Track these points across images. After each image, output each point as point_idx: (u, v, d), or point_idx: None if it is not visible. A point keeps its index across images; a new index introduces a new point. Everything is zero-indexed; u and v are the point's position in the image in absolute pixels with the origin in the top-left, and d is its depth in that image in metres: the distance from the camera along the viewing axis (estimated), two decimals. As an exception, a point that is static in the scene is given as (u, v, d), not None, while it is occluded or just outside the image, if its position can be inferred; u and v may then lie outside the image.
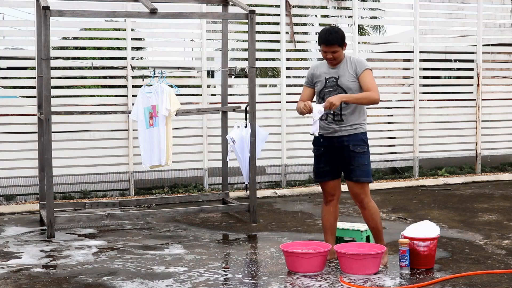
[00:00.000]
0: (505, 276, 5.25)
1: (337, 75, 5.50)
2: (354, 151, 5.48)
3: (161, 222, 7.44)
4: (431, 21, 10.79)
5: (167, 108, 7.11)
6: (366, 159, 5.54)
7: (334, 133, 5.50)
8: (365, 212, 5.59)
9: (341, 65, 5.52)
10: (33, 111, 8.39)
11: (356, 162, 5.49)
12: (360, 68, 5.46)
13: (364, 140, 5.53)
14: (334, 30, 5.50)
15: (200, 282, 5.15)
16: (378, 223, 5.62)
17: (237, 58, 10.53)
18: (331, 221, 5.67)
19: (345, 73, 5.48)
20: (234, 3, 7.73)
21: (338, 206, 5.71)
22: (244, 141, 7.47)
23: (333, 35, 5.44)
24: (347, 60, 5.53)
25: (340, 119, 5.48)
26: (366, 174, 5.53)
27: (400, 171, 10.67)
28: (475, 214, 7.73)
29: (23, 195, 8.74)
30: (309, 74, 5.71)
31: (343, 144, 5.49)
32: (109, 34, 9.74)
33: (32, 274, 5.43)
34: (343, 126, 5.48)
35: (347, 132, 5.48)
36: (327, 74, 5.55)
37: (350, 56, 5.58)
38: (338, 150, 5.51)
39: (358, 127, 5.51)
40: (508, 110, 11.20)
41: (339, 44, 5.45)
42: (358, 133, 5.50)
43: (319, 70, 5.62)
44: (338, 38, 5.44)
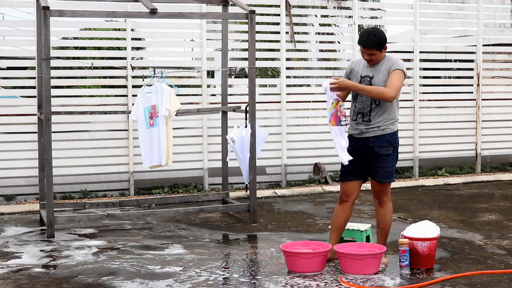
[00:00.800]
0: (505, 276, 5.25)
1: (372, 75, 5.49)
2: (378, 153, 5.49)
3: (161, 222, 7.44)
4: (431, 21, 10.78)
5: (167, 108, 7.10)
6: (391, 160, 5.54)
7: (362, 134, 5.52)
8: (380, 210, 5.62)
9: (379, 65, 5.51)
10: (33, 111, 8.39)
11: (380, 163, 5.51)
12: (393, 67, 5.44)
13: (390, 142, 5.51)
14: (373, 33, 5.43)
15: (200, 282, 5.15)
16: (388, 224, 5.64)
17: (237, 58, 10.52)
18: (340, 222, 5.67)
19: (379, 73, 5.47)
20: (234, 3, 7.73)
21: (351, 209, 5.69)
22: (244, 141, 7.47)
23: (371, 38, 5.40)
24: (385, 60, 5.51)
25: (368, 120, 5.48)
26: (388, 175, 5.55)
27: (400, 171, 10.67)
28: (475, 214, 7.73)
29: (23, 195, 8.74)
30: (348, 68, 5.70)
31: (369, 145, 5.50)
32: (109, 34, 9.74)
33: (32, 274, 5.43)
34: (370, 127, 5.48)
35: (374, 133, 5.48)
36: (363, 72, 5.55)
37: (389, 56, 5.57)
38: (364, 150, 5.53)
39: (386, 128, 5.49)
40: (508, 110, 11.19)
41: (377, 48, 5.41)
42: (385, 134, 5.48)
43: (358, 66, 5.60)
44: (377, 42, 5.40)
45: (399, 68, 5.45)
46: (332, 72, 10.44)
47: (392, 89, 5.37)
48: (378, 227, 5.69)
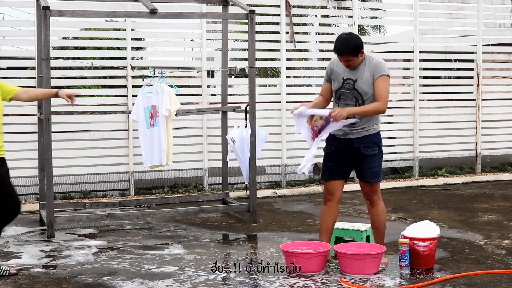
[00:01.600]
0: (505, 276, 5.25)
1: (354, 78, 5.44)
2: (364, 154, 5.48)
3: (161, 222, 7.44)
4: (431, 21, 10.79)
5: (167, 108, 7.11)
6: (377, 160, 5.53)
7: (346, 135, 5.49)
8: (372, 210, 5.61)
9: (360, 67, 5.44)
10: (33, 111, 8.39)
11: (367, 164, 5.50)
12: (377, 73, 5.39)
13: (375, 142, 5.50)
14: (347, 40, 5.36)
15: (200, 282, 5.15)
16: (382, 223, 5.63)
17: (237, 58, 10.53)
18: (328, 223, 5.65)
19: (362, 76, 5.42)
20: (234, 3, 7.73)
21: (337, 208, 5.67)
22: (244, 141, 7.47)
23: (345, 46, 5.34)
24: (366, 62, 5.44)
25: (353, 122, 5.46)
26: (376, 175, 5.54)
27: (400, 171, 10.67)
28: (475, 214, 7.73)
29: (23, 195, 8.72)
30: (328, 69, 5.66)
31: (354, 147, 5.48)
32: (109, 34, 9.74)
33: (32, 274, 5.43)
34: (354, 129, 5.46)
35: (358, 134, 5.47)
36: (345, 75, 5.49)
37: (370, 57, 5.48)
38: (349, 151, 5.51)
39: (370, 128, 5.48)
40: (508, 110, 11.19)
41: (352, 54, 5.35)
42: (369, 134, 5.47)
43: (339, 67, 5.54)
44: (351, 48, 5.33)
45: (384, 74, 5.39)
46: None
47: (384, 101, 5.37)
48: (373, 227, 5.69)
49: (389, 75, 5.46)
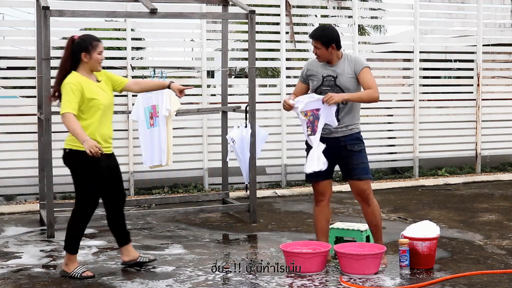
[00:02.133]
0: (505, 276, 5.25)
1: (335, 74, 5.46)
2: (352, 150, 5.48)
3: (161, 222, 7.44)
4: (431, 21, 10.79)
5: (167, 108, 7.11)
6: (364, 157, 5.54)
7: (330, 134, 5.49)
8: (368, 209, 5.58)
9: (339, 64, 5.48)
10: (33, 111, 8.39)
11: (355, 161, 5.49)
12: (358, 67, 5.43)
13: (360, 139, 5.53)
14: (323, 28, 5.51)
15: (200, 282, 5.15)
16: (379, 220, 5.63)
17: (237, 58, 10.53)
18: (323, 223, 5.64)
19: (343, 72, 5.45)
20: (234, 3, 7.73)
21: (329, 207, 5.68)
22: (244, 141, 7.46)
23: (319, 32, 5.44)
24: (345, 59, 5.49)
25: (337, 119, 5.46)
26: (366, 171, 5.54)
27: (400, 171, 10.67)
28: (475, 214, 7.73)
29: (23, 195, 8.74)
30: (304, 69, 5.67)
31: (340, 145, 5.49)
32: (109, 34, 9.74)
33: (32, 274, 5.44)
34: (339, 127, 5.46)
35: (342, 133, 5.48)
36: (324, 72, 5.50)
37: (348, 54, 5.54)
38: (335, 151, 5.50)
39: (353, 127, 5.51)
40: (508, 110, 11.20)
41: (322, 42, 5.38)
42: (353, 133, 5.50)
43: (316, 66, 5.56)
44: (323, 36, 5.39)
45: (365, 66, 5.44)
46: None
47: (375, 88, 5.40)
48: (371, 226, 5.65)
49: (369, 67, 5.50)
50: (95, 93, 5.25)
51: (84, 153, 5.11)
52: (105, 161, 5.30)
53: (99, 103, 5.25)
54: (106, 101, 5.33)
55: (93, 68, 5.35)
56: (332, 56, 5.47)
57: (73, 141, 5.27)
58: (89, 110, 5.23)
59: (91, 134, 5.21)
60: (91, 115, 5.25)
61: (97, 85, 5.34)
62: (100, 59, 5.34)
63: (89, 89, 5.23)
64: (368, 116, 10.40)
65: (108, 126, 5.37)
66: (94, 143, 5.07)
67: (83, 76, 5.29)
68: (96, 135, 5.25)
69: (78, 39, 5.35)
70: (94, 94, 5.24)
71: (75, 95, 5.17)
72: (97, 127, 5.27)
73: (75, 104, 5.17)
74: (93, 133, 5.23)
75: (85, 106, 5.22)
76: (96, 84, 5.34)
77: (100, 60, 5.34)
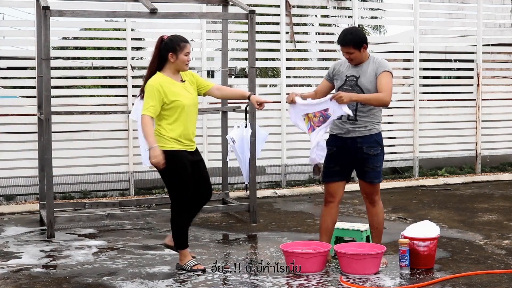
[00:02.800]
0: (505, 276, 5.25)
1: (357, 75, 5.45)
2: (368, 153, 5.46)
3: (161, 222, 7.44)
4: (431, 21, 10.79)
5: (167, 108, 7.10)
6: (380, 160, 5.52)
7: (348, 133, 5.47)
8: (373, 210, 5.59)
9: (363, 65, 5.47)
10: (33, 111, 8.39)
11: (370, 164, 5.48)
12: (380, 69, 5.40)
13: (377, 142, 5.49)
14: (350, 31, 5.45)
15: (200, 282, 5.15)
16: (382, 223, 5.63)
17: (237, 58, 10.53)
18: (328, 223, 5.63)
19: (365, 73, 5.43)
20: (234, 3, 7.73)
21: (337, 210, 5.66)
22: (244, 141, 7.46)
23: (347, 37, 5.40)
24: (370, 61, 5.48)
25: (354, 119, 5.45)
26: (378, 175, 5.53)
27: (400, 171, 10.67)
28: (475, 214, 7.73)
29: (23, 195, 8.74)
30: (331, 68, 5.68)
31: (356, 146, 5.46)
32: (109, 34, 9.74)
33: (32, 274, 5.44)
34: (357, 127, 5.45)
35: (360, 133, 5.45)
36: (348, 72, 5.51)
37: (374, 57, 5.53)
38: (351, 151, 5.48)
39: (372, 128, 5.46)
40: (508, 110, 11.20)
41: (354, 46, 5.38)
42: (372, 134, 5.46)
43: (343, 66, 5.57)
44: (352, 40, 5.38)
45: (387, 70, 5.41)
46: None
47: (387, 93, 5.35)
48: (372, 228, 5.66)
49: (392, 73, 5.47)
50: (176, 94, 5.33)
51: (168, 152, 5.27)
52: (188, 158, 5.41)
53: (181, 103, 5.33)
54: (188, 101, 5.39)
55: (179, 68, 5.44)
56: (363, 57, 5.47)
57: (159, 142, 5.34)
58: (171, 110, 5.33)
59: (173, 132, 5.32)
60: (173, 115, 5.34)
61: (181, 86, 5.42)
62: (187, 60, 5.42)
63: (170, 90, 5.32)
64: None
65: (191, 125, 5.44)
66: (157, 155, 5.19)
67: (167, 76, 5.39)
68: (179, 134, 5.35)
69: (167, 39, 5.46)
70: (176, 95, 5.32)
71: (155, 97, 5.27)
72: (179, 127, 5.36)
73: (154, 106, 5.28)
74: (175, 132, 5.34)
75: (168, 107, 5.32)
76: (180, 84, 5.43)
77: (187, 61, 5.42)
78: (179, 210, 5.44)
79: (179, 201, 5.42)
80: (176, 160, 5.31)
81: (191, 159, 5.43)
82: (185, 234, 5.48)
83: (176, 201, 5.43)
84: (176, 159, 5.30)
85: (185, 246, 5.49)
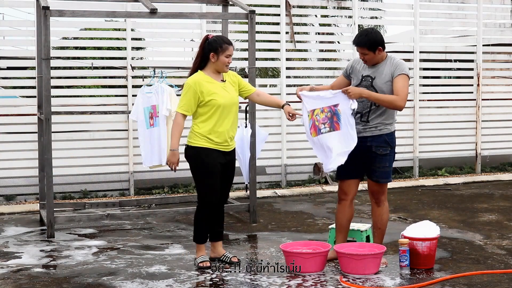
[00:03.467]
0: (505, 276, 5.25)
1: (373, 75, 5.44)
2: (376, 153, 5.46)
3: (161, 222, 7.44)
4: (431, 21, 10.79)
5: (167, 108, 7.11)
6: (388, 160, 5.52)
7: (359, 134, 5.45)
8: (378, 210, 5.59)
9: (380, 66, 5.45)
10: (33, 111, 8.39)
11: (378, 164, 5.49)
12: (397, 72, 5.37)
13: (387, 142, 5.48)
14: (366, 33, 5.43)
15: (200, 282, 5.15)
16: (385, 224, 5.64)
17: (237, 58, 10.49)
18: (342, 221, 5.65)
19: (381, 74, 5.41)
20: (234, 3, 7.73)
21: (352, 207, 5.67)
22: (244, 141, 7.47)
23: (362, 38, 5.39)
24: (387, 61, 5.45)
25: (366, 121, 5.45)
26: (386, 175, 5.53)
27: (400, 171, 10.67)
28: (475, 214, 7.73)
29: (23, 195, 8.74)
30: (348, 64, 5.67)
31: (366, 145, 5.46)
32: (109, 34, 9.74)
33: (32, 274, 5.43)
34: (368, 127, 5.46)
35: (371, 133, 5.46)
36: (364, 71, 5.49)
37: (393, 57, 5.49)
38: (362, 149, 5.48)
39: (383, 128, 5.46)
40: (508, 110, 11.20)
41: (368, 48, 5.36)
42: (382, 134, 5.46)
43: (359, 65, 5.56)
44: (367, 41, 5.36)
45: (404, 73, 5.37)
46: (332, 72, 10.44)
47: (402, 97, 5.33)
48: (375, 227, 5.67)
49: (409, 76, 5.45)
50: (213, 93, 5.40)
51: (196, 149, 5.45)
52: (219, 159, 5.48)
53: (216, 102, 5.39)
54: (225, 101, 5.44)
55: (218, 69, 5.50)
56: (379, 59, 5.45)
57: (190, 138, 5.51)
58: (206, 108, 5.41)
59: (205, 130, 5.42)
60: (207, 113, 5.42)
61: (220, 85, 5.49)
62: (227, 62, 5.47)
63: (207, 89, 5.40)
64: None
65: (227, 125, 5.48)
66: (174, 161, 5.49)
67: (207, 75, 5.47)
68: (211, 133, 5.43)
69: (211, 39, 5.50)
70: (212, 94, 5.39)
71: (190, 95, 5.38)
72: (213, 126, 5.43)
73: (188, 104, 5.40)
74: (207, 130, 5.42)
75: (203, 105, 5.40)
76: (220, 84, 5.49)
77: (227, 63, 5.48)
78: (198, 205, 5.60)
79: (199, 196, 5.57)
80: (201, 158, 5.43)
81: (222, 161, 5.50)
82: (201, 229, 5.59)
83: (199, 196, 5.57)
84: (201, 156, 5.43)
85: (200, 241, 5.61)
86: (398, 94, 5.33)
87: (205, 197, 5.52)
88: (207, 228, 5.64)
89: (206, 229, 5.63)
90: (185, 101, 5.41)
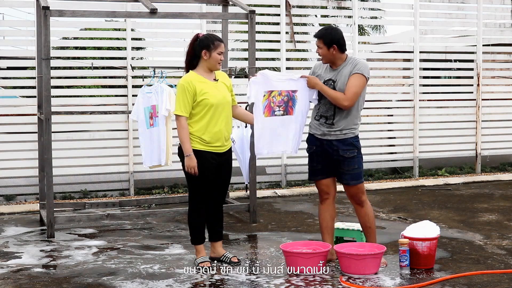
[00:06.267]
0: (505, 276, 5.25)
1: (335, 78, 5.43)
2: (343, 156, 5.45)
3: (161, 222, 7.45)
4: (431, 21, 10.79)
5: (167, 108, 7.10)
6: (357, 162, 5.50)
7: (324, 136, 5.48)
8: (362, 210, 5.58)
9: (341, 68, 5.45)
10: (33, 111, 8.40)
11: (346, 167, 5.48)
12: (354, 71, 5.37)
13: (353, 144, 5.47)
14: (328, 28, 5.52)
15: (199, 282, 5.15)
16: (372, 222, 5.62)
17: (237, 58, 10.52)
18: (327, 221, 5.64)
19: (341, 76, 5.41)
20: (234, 3, 7.73)
21: (334, 206, 5.68)
22: (244, 141, 7.46)
23: (322, 30, 5.46)
24: (348, 62, 5.45)
25: (331, 123, 5.45)
26: (356, 177, 5.50)
27: (400, 171, 10.67)
28: (475, 214, 7.73)
29: (23, 195, 8.74)
30: (311, 71, 5.69)
31: (333, 148, 5.47)
32: (109, 34, 9.73)
33: (32, 274, 5.44)
34: (333, 130, 5.45)
35: (336, 136, 5.45)
36: (326, 75, 5.49)
37: (354, 58, 5.50)
38: (328, 152, 5.50)
39: (348, 132, 5.45)
40: (508, 110, 11.20)
41: (324, 42, 5.39)
42: (347, 138, 5.45)
43: (321, 69, 5.57)
44: (324, 35, 5.40)
45: (359, 72, 5.35)
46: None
47: (347, 96, 5.32)
48: (365, 228, 5.63)
49: (367, 78, 5.40)
50: (205, 93, 5.41)
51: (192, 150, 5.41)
52: (212, 160, 5.48)
53: (208, 102, 5.40)
54: (218, 100, 5.44)
55: (211, 66, 5.51)
56: (335, 58, 5.44)
57: None
58: (198, 108, 5.41)
59: (197, 131, 5.41)
60: (199, 113, 5.42)
61: (213, 84, 5.50)
62: (220, 59, 5.49)
63: (200, 88, 5.41)
64: (368, 116, 10.40)
65: (221, 125, 5.48)
66: (193, 165, 5.37)
67: (199, 75, 5.48)
68: (205, 133, 5.43)
69: (202, 37, 5.54)
70: (205, 93, 5.40)
71: (185, 96, 5.38)
72: (207, 126, 5.43)
73: (186, 105, 5.39)
74: (199, 131, 5.42)
75: (196, 105, 5.41)
76: (212, 83, 5.50)
77: (220, 60, 5.49)
78: (190, 207, 5.60)
79: (190, 197, 5.57)
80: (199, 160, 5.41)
81: (215, 162, 5.50)
82: (196, 231, 5.60)
83: (190, 196, 5.57)
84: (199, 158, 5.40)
85: (197, 243, 5.61)
86: (346, 92, 5.34)
87: (194, 199, 5.53)
88: (202, 229, 5.63)
89: (201, 230, 5.61)
90: (183, 103, 5.39)
